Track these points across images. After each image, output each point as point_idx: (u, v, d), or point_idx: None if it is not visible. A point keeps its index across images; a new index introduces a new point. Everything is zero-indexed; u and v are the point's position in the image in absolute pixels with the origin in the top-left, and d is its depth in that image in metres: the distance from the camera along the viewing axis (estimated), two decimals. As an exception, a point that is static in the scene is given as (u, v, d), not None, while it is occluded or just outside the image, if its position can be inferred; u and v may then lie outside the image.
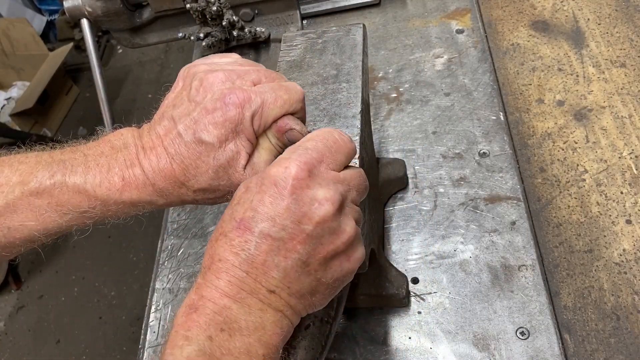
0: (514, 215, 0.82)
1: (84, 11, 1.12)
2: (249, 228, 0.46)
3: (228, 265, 0.46)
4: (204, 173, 0.53)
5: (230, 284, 0.46)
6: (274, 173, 0.47)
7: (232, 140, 0.53)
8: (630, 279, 0.75)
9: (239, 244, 0.46)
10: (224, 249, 0.46)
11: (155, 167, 0.53)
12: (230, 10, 1.13)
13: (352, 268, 0.51)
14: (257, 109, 0.53)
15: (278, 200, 0.46)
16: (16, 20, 3.34)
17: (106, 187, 0.53)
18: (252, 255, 0.46)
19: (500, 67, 1.04)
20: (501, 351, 0.70)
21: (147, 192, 0.54)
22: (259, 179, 0.48)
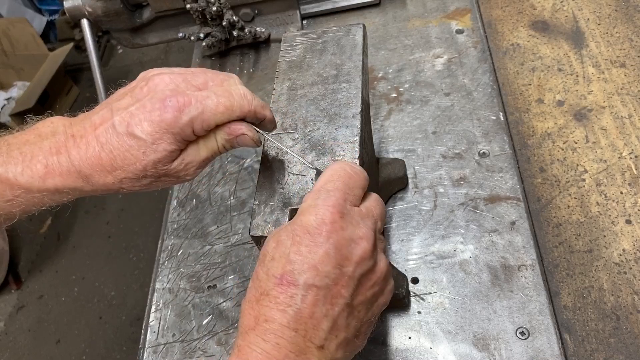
0: (514, 215, 0.82)
1: (84, 11, 1.12)
2: (292, 282, 0.45)
3: (276, 326, 0.44)
4: (131, 165, 0.54)
5: (279, 347, 0.44)
6: (306, 222, 0.47)
7: (165, 141, 0.53)
8: (630, 279, 0.75)
9: (285, 301, 0.45)
10: (269, 307, 0.45)
11: (84, 155, 0.53)
12: (231, 11, 1.13)
13: (386, 300, 0.51)
14: (196, 115, 0.53)
15: (315, 248, 0.46)
16: (16, 20, 3.34)
17: (28, 175, 0.54)
18: (299, 309, 0.44)
19: (500, 67, 1.04)
20: (501, 351, 0.70)
21: (72, 178, 0.54)
22: (289, 232, 0.47)
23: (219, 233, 0.93)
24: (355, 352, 0.50)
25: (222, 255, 0.90)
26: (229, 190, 0.98)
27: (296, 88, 0.71)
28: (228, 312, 0.83)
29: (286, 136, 0.66)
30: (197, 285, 0.88)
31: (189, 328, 0.83)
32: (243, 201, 0.96)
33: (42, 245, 2.74)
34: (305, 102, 0.69)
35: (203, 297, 0.86)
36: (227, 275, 0.87)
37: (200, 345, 0.81)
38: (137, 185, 0.56)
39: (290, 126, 0.66)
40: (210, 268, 0.89)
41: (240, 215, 0.94)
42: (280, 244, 0.47)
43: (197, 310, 0.85)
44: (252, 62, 1.21)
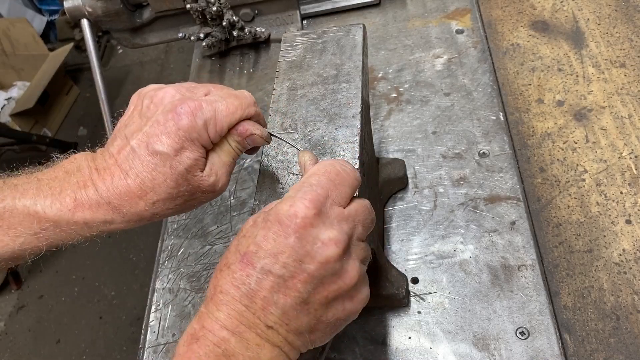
0: (514, 215, 0.82)
1: (84, 11, 1.12)
2: (252, 263, 0.46)
3: (229, 298, 0.46)
4: (161, 184, 0.53)
5: (230, 317, 0.46)
6: (280, 210, 0.47)
7: (187, 148, 0.53)
8: (630, 279, 0.75)
9: (240, 278, 0.46)
10: (226, 280, 0.47)
11: (110, 186, 0.53)
12: (231, 11, 1.13)
13: (355, 308, 0.51)
14: (209, 117, 0.54)
15: (282, 238, 0.46)
16: (16, 20, 3.34)
17: (57, 208, 0.53)
18: (252, 290, 0.46)
19: (500, 67, 1.04)
20: (501, 351, 0.70)
21: (102, 211, 0.54)
22: (265, 215, 0.48)
23: (219, 233, 0.93)
24: (312, 345, 0.50)
25: (222, 255, 0.90)
26: (229, 190, 0.98)
27: (296, 88, 0.71)
28: (228, 312, 0.83)
29: (286, 136, 0.66)
30: (197, 285, 0.88)
31: (189, 328, 0.83)
32: (243, 201, 0.96)
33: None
34: (305, 102, 0.69)
35: (203, 297, 0.86)
36: (227, 275, 0.87)
37: (200, 345, 0.81)
38: (172, 208, 0.56)
39: (290, 126, 0.66)
40: (210, 268, 0.89)
41: (240, 215, 0.94)
42: (255, 224, 0.49)
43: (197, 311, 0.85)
44: (252, 62, 1.21)
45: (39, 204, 0.53)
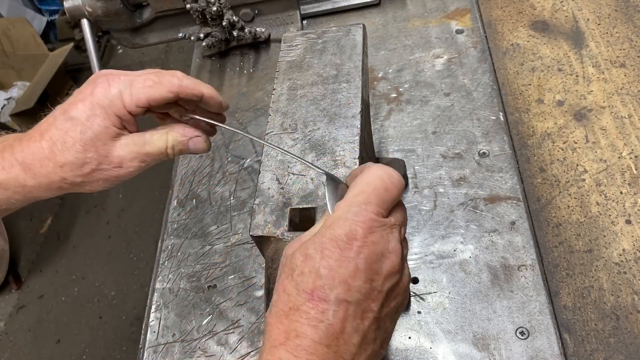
0: (514, 215, 0.82)
1: (84, 11, 1.12)
2: (324, 297, 0.44)
3: (308, 342, 0.43)
4: (70, 147, 0.56)
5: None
6: (336, 236, 0.46)
7: (99, 116, 0.56)
8: (630, 279, 0.75)
9: (316, 316, 0.44)
10: (300, 323, 0.44)
11: (25, 148, 0.58)
12: (231, 11, 1.13)
13: (404, 307, 0.52)
14: (124, 88, 0.57)
15: (346, 263, 0.45)
16: (16, 20, 3.34)
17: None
18: (331, 324, 0.44)
19: (500, 67, 1.04)
20: (501, 351, 0.70)
21: (14, 171, 0.58)
22: (317, 245, 0.46)
23: (219, 233, 0.93)
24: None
25: (222, 255, 0.90)
26: (229, 190, 0.99)
27: (296, 88, 0.71)
28: (228, 312, 0.83)
29: (286, 136, 0.66)
30: (197, 285, 0.88)
31: (189, 328, 0.83)
32: (243, 201, 0.96)
33: (42, 245, 2.74)
34: (305, 102, 0.69)
35: (203, 297, 0.86)
36: (227, 275, 0.87)
37: (200, 345, 0.81)
38: (80, 176, 0.58)
39: (290, 126, 0.66)
40: (210, 268, 0.89)
41: (240, 215, 0.94)
42: (308, 257, 0.46)
43: (197, 310, 0.85)
44: (252, 62, 1.21)
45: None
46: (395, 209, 0.51)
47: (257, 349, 0.78)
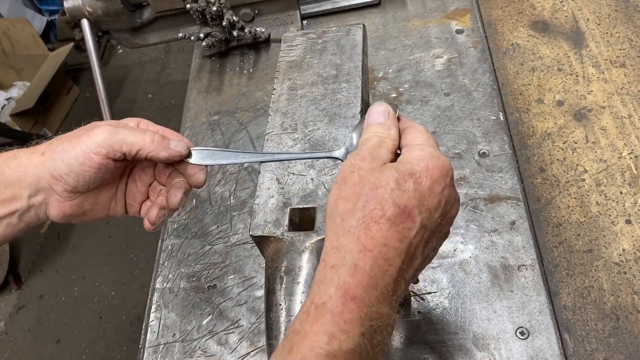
0: (514, 215, 0.82)
1: (84, 11, 1.12)
2: (412, 216, 0.47)
3: (391, 253, 0.45)
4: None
5: (388, 274, 0.45)
6: (430, 168, 0.49)
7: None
8: (630, 279, 0.75)
9: (402, 231, 0.46)
10: (389, 233, 0.45)
11: (32, 156, 0.62)
12: (231, 11, 1.13)
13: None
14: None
15: (433, 196, 0.48)
16: (16, 20, 3.34)
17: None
18: (410, 244, 0.47)
19: (500, 67, 1.04)
20: (501, 351, 0.70)
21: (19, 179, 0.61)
22: (412, 170, 0.48)
23: (219, 233, 0.93)
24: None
25: (222, 255, 0.90)
26: (229, 190, 0.99)
27: (296, 88, 0.71)
28: (228, 312, 0.83)
29: (286, 136, 0.66)
30: (197, 285, 0.88)
31: (189, 328, 0.83)
32: (243, 201, 0.96)
33: (42, 245, 2.74)
34: (305, 102, 0.69)
35: (203, 297, 0.86)
36: (227, 275, 0.87)
37: (200, 345, 0.81)
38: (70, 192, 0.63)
39: (290, 126, 0.66)
40: (210, 268, 0.89)
41: (240, 215, 0.94)
42: (404, 179, 0.47)
43: (197, 310, 0.85)
44: (252, 62, 1.21)
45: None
46: None
47: (257, 348, 0.78)
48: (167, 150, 0.62)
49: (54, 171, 0.61)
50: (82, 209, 0.65)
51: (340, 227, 0.47)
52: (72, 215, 0.64)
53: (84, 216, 0.66)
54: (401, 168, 0.48)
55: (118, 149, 0.60)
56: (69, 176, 0.61)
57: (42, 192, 0.62)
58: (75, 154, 0.60)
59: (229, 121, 1.09)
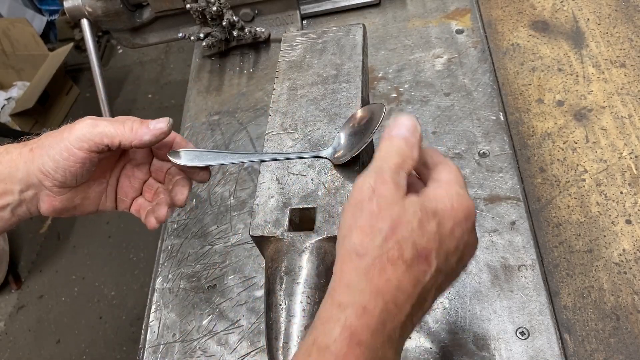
0: (514, 215, 0.82)
1: (84, 11, 1.12)
2: (429, 260, 0.45)
3: (403, 298, 0.43)
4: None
5: (397, 319, 0.43)
6: (455, 208, 0.46)
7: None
8: (630, 279, 0.75)
9: (417, 275, 0.44)
10: (404, 277, 0.43)
11: (22, 152, 0.63)
12: (230, 11, 1.13)
13: None
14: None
15: (452, 239, 0.46)
16: (16, 20, 3.34)
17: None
18: (424, 288, 0.45)
19: (500, 67, 1.04)
20: (501, 351, 0.70)
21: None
22: (436, 209, 0.46)
23: (219, 233, 0.93)
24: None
25: (222, 255, 0.90)
26: (229, 190, 0.99)
27: (296, 88, 0.71)
28: (228, 312, 0.83)
29: (286, 136, 0.66)
30: (197, 285, 0.88)
31: (189, 328, 0.83)
32: (243, 201, 0.96)
33: (42, 245, 2.74)
34: (305, 102, 0.69)
35: (203, 297, 0.86)
36: (227, 275, 0.87)
37: (200, 345, 0.81)
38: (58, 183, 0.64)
39: (290, 126, 0.66)
40: (210, 268, 0.89)
41: (240, 215, 0.94)
42: (427, 218, 0.45)
43: (197, 310, 0.85)
44: (252, 62, 1.21)
45: None
46: None
47: (257, 348, 0.78)
48: (148, 132, 0.62)
49: (42, 167, 0.62)
50: (73, 203, 0.66)
51: (353, 263, 0.44)
52: (62, 209, 0.65)
53: (74, 210, 0.67)
54: (426, 205, 0.45)
55: (99, 141, 0.61)
56: (56, 172, 0.62)
57: (32, 187, 0.63)
58: (60, 149, 0.61)
59: (228, 121, 1.09)
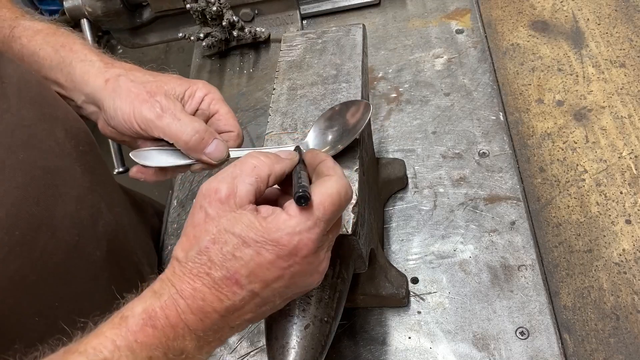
0: (514, 215, 0.82)
1: (84, 11, 1.12)
2: (240, 284, 0.45)
3: (208, 309, 0.45)
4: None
5: (202, 322, 0.45)
6: (280, 242, 0.45)
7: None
8: (630, 279, 0.75)
9: (226, 294, 0.45)
10: (210, 292, 0.45)
11: (98, 74, 0.66)
12: (230, 11, 1.13)
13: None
14: None
15: (274, 269, 0.45)
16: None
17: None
18: (234, 304, 0.46)
19: (500, 67, 1.04)
20: (501, 351, 0.70)
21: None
22: (260, 237, 0.45)
23: (219, 233, 0.93)
24: None
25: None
26: (229, 190, 0.98)
27: (296, 88, 0.71)
28: (228, 312, 0.83)
29: (286, 136, 0.66)
30: (197, 285, 0.88)
31: (189, 328, 0.83)
32: (243, 201, 0.96)
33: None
34: (305, 102, 0.69)
35: (203, 297, 0.86)
36: (227, 275, 0.87)
37: (200, 345, 0.81)
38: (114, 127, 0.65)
39: (290, 126, 0.66)
40: (210, 268, 0.89)
41: (240, 215, 0.94)
42: (244, 244, 0.45)
43: (197, 310, 0.85)
44: (252, 62, 1.21)
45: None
46: (335, 223, 0.50)
47: (257, 349, 0.78)
48: (198, 154, 0.61)
49: (104, 104, 0.63)
50: (122, 138, 0.67)
51: (172, 265, 0.47)
52: (113, 137, 0.68)
53: (123, 142, 0.69)
54: (251, 231, 0.45)
55: (156, 133, 0.61)
56: (111, 119, 0.63)
57: (94, 105, 0.66)
58: (122, 112, 0.62)
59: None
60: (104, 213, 0.69)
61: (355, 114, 0.61)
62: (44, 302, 0.58)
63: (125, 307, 0.46)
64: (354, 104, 0.63)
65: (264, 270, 0.45)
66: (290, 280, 0.47)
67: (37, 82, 0.64)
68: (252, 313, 0.47)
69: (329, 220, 0.47)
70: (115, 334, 0.44)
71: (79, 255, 0.62)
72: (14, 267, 0.53)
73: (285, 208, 0.47)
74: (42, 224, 0.56)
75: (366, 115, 0.60)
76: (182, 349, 0.45)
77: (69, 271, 0.61)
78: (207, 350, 0.47)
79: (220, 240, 0.45)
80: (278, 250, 0.45)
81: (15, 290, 0.54)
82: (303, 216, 0.45)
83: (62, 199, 0.60)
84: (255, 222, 0.45)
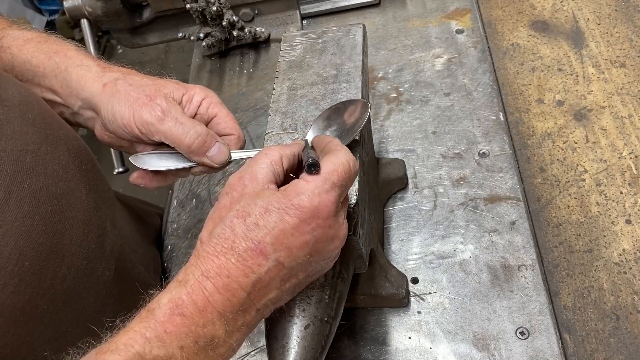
0: (514, 215, 0.82)
1: (84, 11, 1.12)
2: (265, 254, 0.46)
3: (235, 285, 0.45)
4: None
5: (229, 302, 0.46)
6: (302, 206, 0.47)
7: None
8: (630, 279, 0.75)
9: (251, 267, 0.46)
10: (236, 267, 0.46)
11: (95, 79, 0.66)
12: (230, 10, 1.13)
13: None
14: None
15: (298, 234, 0.47)
16: (16, 20, 3.34)
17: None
18: (260, 278, 0.46)
19: (500, 67, 1.04)
20: (501, 351, 0.70)
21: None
22: (281, 205, 0.47)
23: (219, 233, 0.93)
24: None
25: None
26: (229, 190, 0.98)
27: (296, 88, 0.71)
28: (228, 312, 0.83)
29: (286, 136, 0.66)
30: (197, 285, 0.88)
31: (189, 328, 0.83)
32: (243, 201, 0.96)
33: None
34: (305, 102, 0.69)
35: (203, 297, 0.86)
36: (227, 275, 0.87)
37: (200, 345, 0.81)
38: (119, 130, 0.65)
39: (290, 126, 0.66)
40: (210, 268, 0.89)
41: (240, 215, 0.94)
42: (268, 212, 0.47)
43: (197, 310, 0.85)
44: (252, 62, 1.21)
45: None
46: (345, 198, 0.53)
47: (257, 349, 0.78)
48: (201, 157, 0.62)
49: (102, 109, 0.63)
50: (119, 143, 0.67)
51: (197, 249, 0.48)
52: (110, 144, 0.69)
53: (121, 148, 0.70)
54: (273, 200, 0.47)
55: (157, 136, 0.61)
56: (110, 124, 0.63)
57: (91, 111, 0.65)
58: (122, 116, 0.61)
59: (229, 121, 1.09)
60: (109, 231, 0.68)
61: (354, 114, 0.61)
62: (55, 329, 0.57)
63: (152, 301, 0.46)
64: (352, 104, 0.63)
65: (288, 236, 0.46)
66: (314, 247, 0.48)
67: (37, 102, 0.63)
68: (277, 290, 0.48)
69: (343, 187, 0.49)
70: (143, 326, 0.44)
71: (89, 278, 0.62)
72: (25, 298, 0.52)
73: (302, 178, 0.49)
74: (51, 252, 0.55)
75: (365, 114, 0.60)
76: (212, 335, 0.45)
77: (80, 295, 0.61)
78: (237, 338, 0.47)
79: (243, 214, 0.47)
80: (300, 214, 0.46)
81: (27, 320, 0.53)
82: (320, 180, 0.48)
83: (69, 224, 0.59)
84: (277, 192, 0.48)
